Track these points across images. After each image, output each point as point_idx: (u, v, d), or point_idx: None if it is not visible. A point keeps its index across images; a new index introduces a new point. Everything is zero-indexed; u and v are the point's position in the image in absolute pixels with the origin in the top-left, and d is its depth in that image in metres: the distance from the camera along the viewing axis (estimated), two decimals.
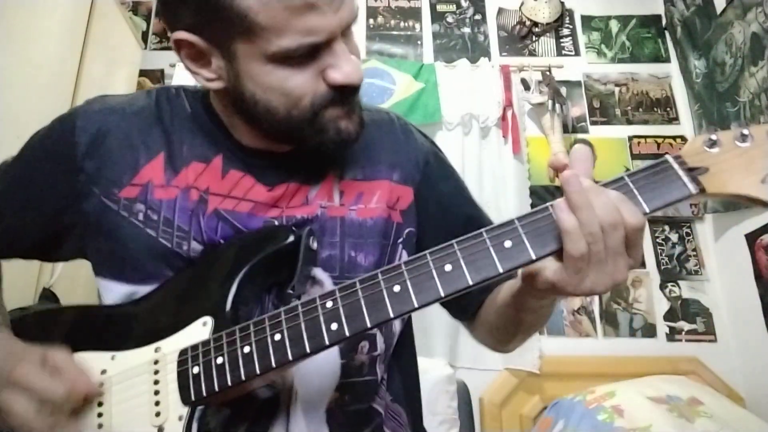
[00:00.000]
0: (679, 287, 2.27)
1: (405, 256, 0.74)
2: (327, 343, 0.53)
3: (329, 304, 0.54)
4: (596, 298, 2.26)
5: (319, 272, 0.68)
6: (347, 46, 0.62)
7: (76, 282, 1.69)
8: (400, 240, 0.74)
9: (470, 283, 0.51)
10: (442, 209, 0.77)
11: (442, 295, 0.51)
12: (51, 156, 0.72)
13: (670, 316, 2.23)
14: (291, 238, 0.63)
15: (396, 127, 0.80)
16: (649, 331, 2.21)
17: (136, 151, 0.70)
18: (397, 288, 0.52)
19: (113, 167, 0.69)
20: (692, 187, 0.50)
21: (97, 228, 0.69)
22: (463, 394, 1.81)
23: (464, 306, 0.79)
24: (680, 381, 1.82)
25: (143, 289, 0.67)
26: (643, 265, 2.29)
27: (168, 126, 0.72)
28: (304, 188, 0.71)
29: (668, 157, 0.51)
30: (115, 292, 0.69)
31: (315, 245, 0.65)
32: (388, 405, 0.73)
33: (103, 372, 0.61)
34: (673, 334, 2.20)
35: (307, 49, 0.59)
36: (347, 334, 0.53)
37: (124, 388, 0.60)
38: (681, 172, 0.50)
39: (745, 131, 0.50)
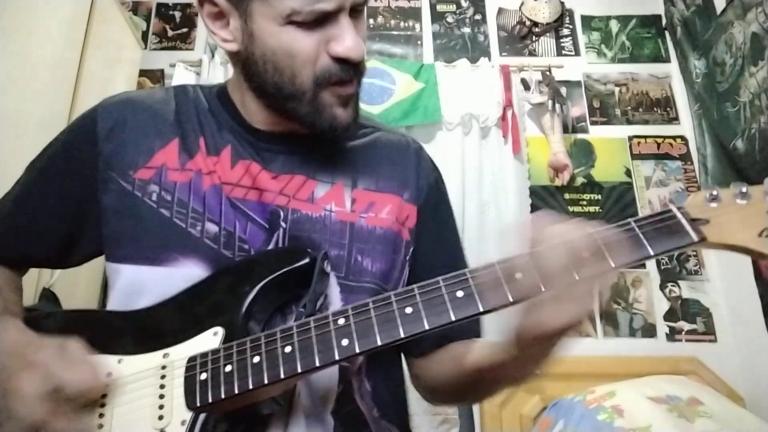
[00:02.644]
0: (679, 287, 2.27)
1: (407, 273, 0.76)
2: (337, 357, 0.54)
3: (341, 321, 0.56)
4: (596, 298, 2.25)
5: (332, 291, 0.69)
6: (356, 27, 0.66)
7: (76, 282, 1.69)
8: (409, 258, 0.76)
9: (481, 309, 0.53)
10: (438, 233, 0.81)
11: (453, 319, 0.54)
12: (73, 148, 0.75)
13: (670, 316, 2.23)
14: (306, 260, 0.65)
15: (410, 150, 0.83)
16: (649, 331, 2.21)
17: (151, 138, 0.73)
18: (409, 309, 0.54)
19: (129, 151, 0.72)
20: (694, 236, 0.53)
21: (113, 209, 0.71)
22: None
23: (419, 339, 0.76)
24: (680, 381, 1.82)
25: (153, 271, 0.68)
26: (643, 265, 2.29)
27: (183, 117, 0.75)
28: (309, 183, 0.73)
29: (672, 208, 0.55)
30: (125, 276, 0.69)
31: (329, 268, 0.68)
32: (375, 417, 0.72)
33: (108, 375, 0.61)
34: (673, 334, 2.21)
35: (316, 15, 0.63)
36: (357, 350, 0.54)
37: (129, 390, 0.60)
38: (684, 222, 0.54)
39: (744, 189, 0.54)
